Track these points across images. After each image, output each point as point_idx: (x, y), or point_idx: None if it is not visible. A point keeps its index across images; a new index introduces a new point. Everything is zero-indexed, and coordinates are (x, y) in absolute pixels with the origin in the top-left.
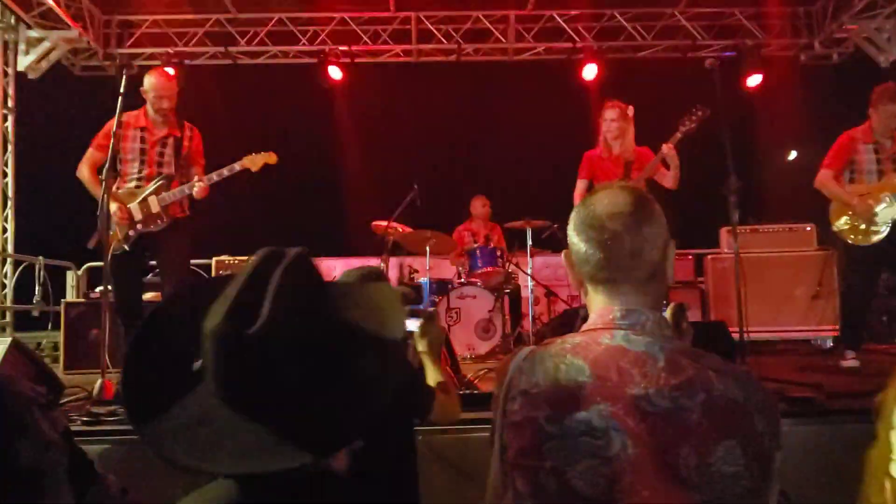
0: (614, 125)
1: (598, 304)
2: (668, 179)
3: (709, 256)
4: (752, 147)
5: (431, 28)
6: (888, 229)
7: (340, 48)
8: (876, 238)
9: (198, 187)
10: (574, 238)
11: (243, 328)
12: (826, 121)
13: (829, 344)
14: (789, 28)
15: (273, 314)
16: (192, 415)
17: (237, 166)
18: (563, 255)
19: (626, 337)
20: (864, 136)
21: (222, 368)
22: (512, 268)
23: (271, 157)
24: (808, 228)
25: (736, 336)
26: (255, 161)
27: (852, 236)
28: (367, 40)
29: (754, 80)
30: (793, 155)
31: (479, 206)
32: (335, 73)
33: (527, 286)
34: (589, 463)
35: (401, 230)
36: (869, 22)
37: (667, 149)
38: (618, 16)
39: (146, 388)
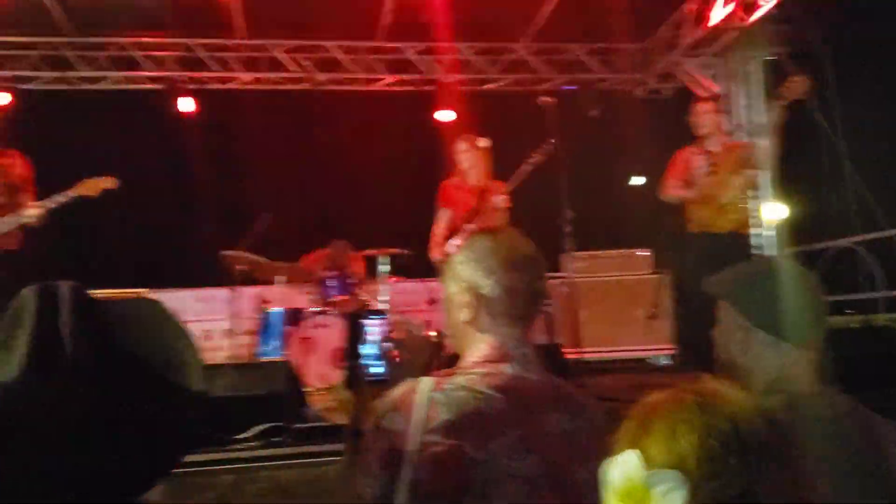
0: (465, 156)
1: (491, 338)
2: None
3: (554, 281)
4: (596, 175)
5: (282, 57)
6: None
7: (188, 75)
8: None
9: (33, 214)
10: (487, 278)
11: (43, 377)
12: (661, 151)
13: (663, 362)
14: (625, 64)
15: (76, 359)
16: None
17: (71, 193)
18: (457, 291)
19: (523, 367)
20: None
21: (29, 425)
22: (365, 296)
23: (108, 182)
24: (644, 254)
25: (570, 357)
26: (91, 186)
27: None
28: (217, 67)
29: (592, 114)
30: (642, 180)
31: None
32: (187, 105)
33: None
34: (513, 485)
35: (251, 259)
36: (696, 59)
37: (501, 200)
38: (464, 50)
39: None
